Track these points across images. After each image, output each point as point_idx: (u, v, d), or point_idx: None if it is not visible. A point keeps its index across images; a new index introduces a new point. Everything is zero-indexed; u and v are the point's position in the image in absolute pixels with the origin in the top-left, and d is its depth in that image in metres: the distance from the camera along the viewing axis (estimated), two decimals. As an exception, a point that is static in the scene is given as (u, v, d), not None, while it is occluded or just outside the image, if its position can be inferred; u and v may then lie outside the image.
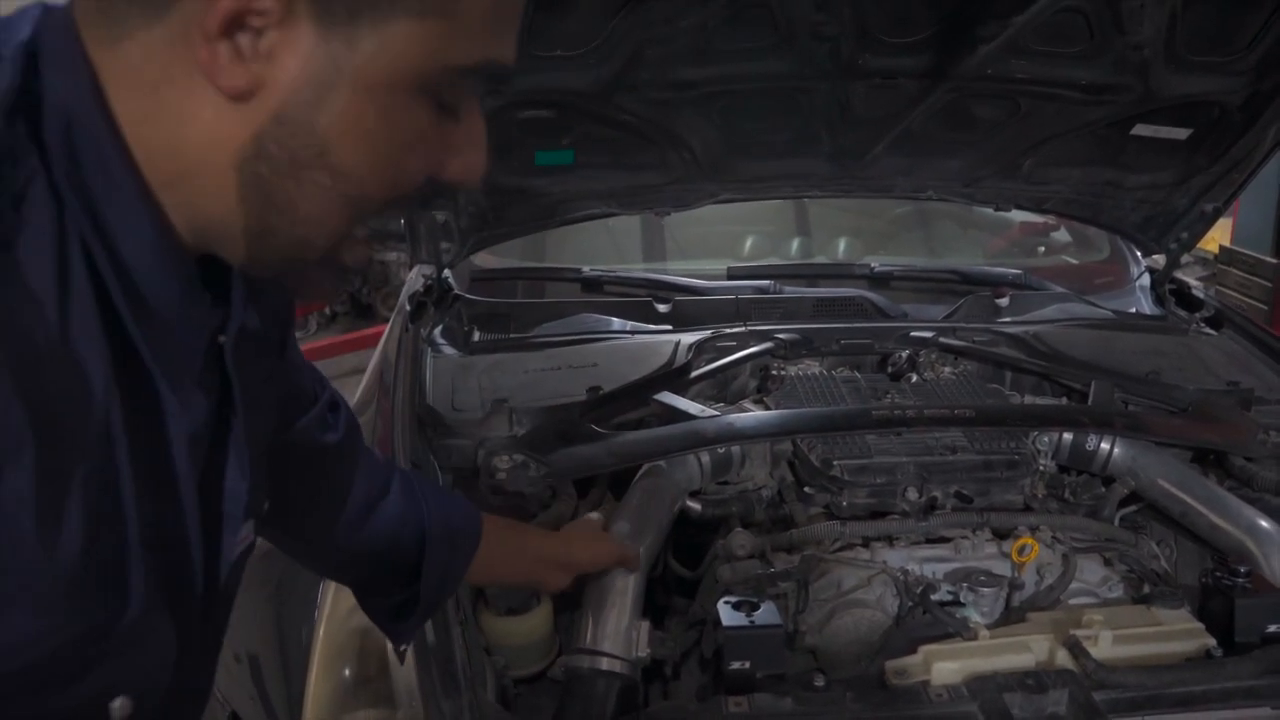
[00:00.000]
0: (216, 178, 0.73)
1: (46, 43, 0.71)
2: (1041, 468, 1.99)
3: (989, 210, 2.91)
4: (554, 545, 1.63)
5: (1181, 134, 2.40)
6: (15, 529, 0.66)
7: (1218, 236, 6.24)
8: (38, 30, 0.71)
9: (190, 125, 0.72)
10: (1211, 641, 1.61)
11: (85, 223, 0.70)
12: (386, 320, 2.59)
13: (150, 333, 0.75)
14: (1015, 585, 1.80)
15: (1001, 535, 1.86)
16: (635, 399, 2.10)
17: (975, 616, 1.71)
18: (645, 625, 1.59)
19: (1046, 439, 2.03)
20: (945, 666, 1.53)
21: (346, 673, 1.53)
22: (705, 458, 1.91)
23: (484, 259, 2.84)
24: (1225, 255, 6.35)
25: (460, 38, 0.75)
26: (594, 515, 1.82)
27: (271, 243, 0.77)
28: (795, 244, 3.34)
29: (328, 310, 7.28)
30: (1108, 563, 1.89)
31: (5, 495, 0.65)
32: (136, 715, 0.79)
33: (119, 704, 0.78)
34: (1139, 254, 3.09)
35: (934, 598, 1.72)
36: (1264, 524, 1.86)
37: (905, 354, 2.38)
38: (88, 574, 0.71)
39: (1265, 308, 5.95)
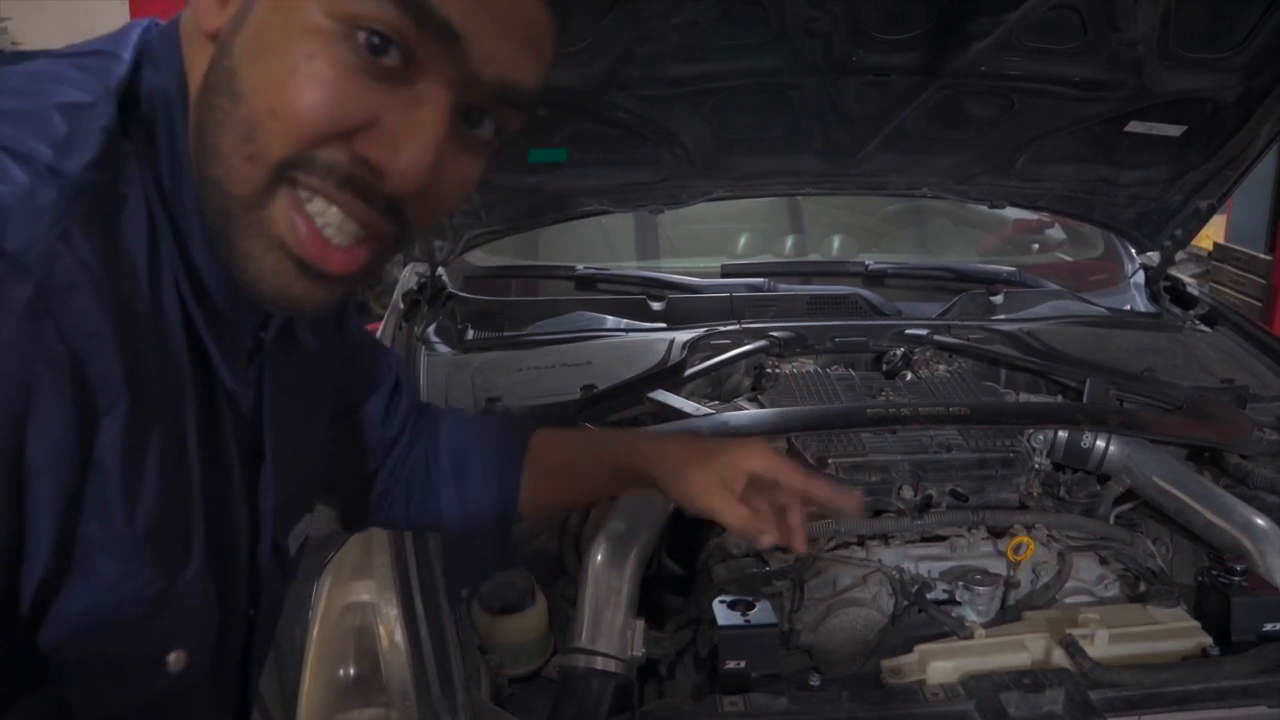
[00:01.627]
0: (191, 135, 0.77)
1: (151, 44, 0.79)
2: (1037, 466, 1.99)
3: (983, 207, 2.91)
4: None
5: (1175, 130, 2.40)
6: (106, 477, 0.71)
7: (1212, 233, 6.24)
8: (147, 34, 0.80)
9: (195, 80, 0.77)
10: (1208, 640, 1.61)
11: (160, 210, 0.77)
12: (380, 318, 2.58)
13: (210, 320, 0.81)
14: (1011, 584, 1.80)
15: (997, 534, 1.86)
16: (630, 397, 2.09)
17: (971, 615, 1.71)
18: (640, 624, 1.59)
19: (1041, 437, 2.02)
20: (941, 665, 1.53)
21: (340, 673, 1.52)
22: (700, 456, 1.90)
23: (478, 257, 2.83)
24: (1220, 252, 6.36)
25: None
26: None
27: (204, 195, 0.76)
28: (789, 242, 3.33)
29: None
30: (1103, 561, 1.89)
31: (102, 442, 0.70)
32: (187, 673, 0.84)
33: (174, 657, 0.82)
34: (1133, 251, 3.08)
35: (929, 596, 1.72)
36: (1260, 522, 1.86)
37: (900, 352, 2.38)
38: (161, 526, 0.77)
39: (1260, 304, 5.95)
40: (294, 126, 0.72)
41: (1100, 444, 2.02)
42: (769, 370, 2.26)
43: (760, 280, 2.79)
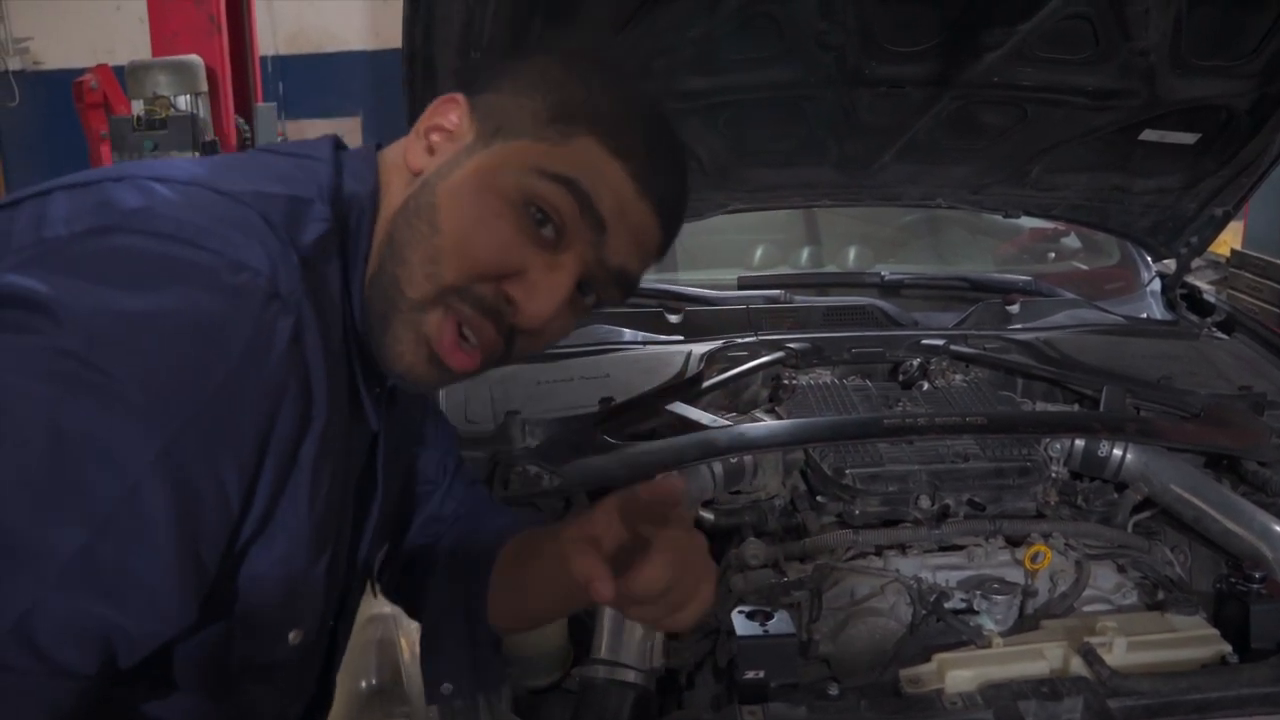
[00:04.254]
0: (378, 236, 1.03)
1: (346, 159, 1.06)
2: (1054, 474, 1.99)
3: (998, 217, 2.92)
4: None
5: (1189, 138, 2.40)
6: (301, 474, 0.93)
7: (1229, 239, 6.21)
8: (338, 148, 1.07)
9: (390, 199, 1.04)
10: (1227, 648, 1.61)
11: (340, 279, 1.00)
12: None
13: (364, 373, 1.05)
14: (1029, 592, 1.80)
15: (1014, 542, 1.86)
16: (647, 409, 2.10)
17: (989, 624, 1.71)
18: (659, 635, 1.60)
19: (1058, 445, 2.02)
20: (959, 674, 1.53)
21: (363, 684, 1.53)
22: (718, 467, 1.92)
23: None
24: (1237, 258, 6.33)
25: (556, 164, 0.99)
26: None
27: (377, 283, 1.01)
28: (805, 253, 3.34)
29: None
30: (1121, 569, 1.88)
31: (304, 447, 0.92)
32: (299, 649, 1.04)
33: (294, 634, 1.03)
34: (1149, 259, 3.08)
35: (947, 606, 1.72)
36: (1279, 529, 1.85)
37: (916, 362, 2.38)
38: (321, 521, 0.98)
39: (1277, 311, 5.92)
40: (469, 263, 0.99)
41: (1117, 452, 2.02)
42: (786, 381, 2.27)
43: (777, 292, 2.80)
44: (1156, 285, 3.02)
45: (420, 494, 1.39)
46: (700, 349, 2.37)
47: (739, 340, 2.43)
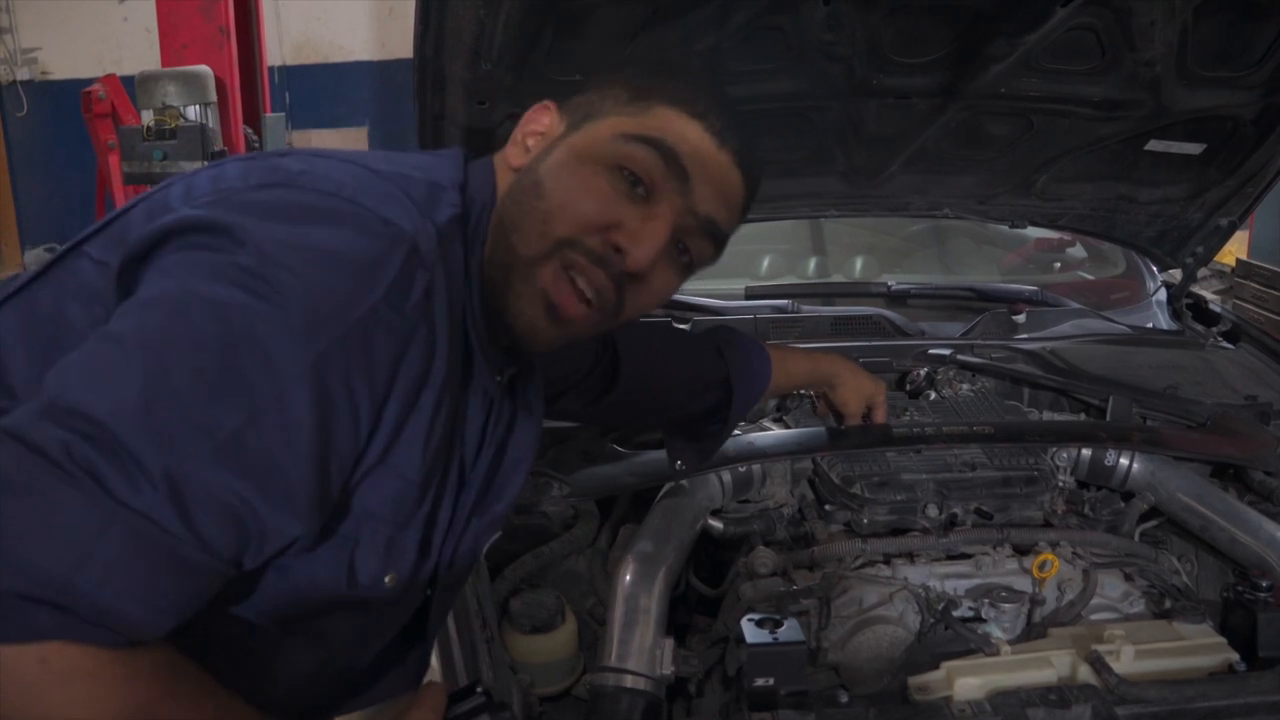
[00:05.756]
0: (490, 228, 1.16)
1: (473, 167, 1.19)
2: (1061, 483, 2.00)
3: (1004, 227, 2.92)
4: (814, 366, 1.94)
5: (1195, 148, 2.41)
6: (420, 419, 1.04)
7: (1234, 249, 6.22)
8: (468, 158, 1.20)
9: (500, 192, 1.19)
10: (1234, 656, 1.61)
11: (461, 260, 1.11)
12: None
13: (481, 347, 1.16)
14: (1036, 601, 1.81)
15: (1022, 551, 1.87)
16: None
17: (997, 632, 1.71)
18: (669, 643, 1.61)
19: (1065, 454, 2.03)
20: (968, 682, 1.54)
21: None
22: (726, 476, 1.93)
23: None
24: (1242, 268, 6.33)
25: (640, 129, 1.14)
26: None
27: (496, 258, 1.14)
28: (812, 263, 3.35)
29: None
30: (1128, 578, 1.89)
31: (425, 394, 1.04)
32: (392, 593, 1.12)
33: (390, 577, 1.10)
34: (1155, 269, 3.09)
35: (955, 614, 1.73)
36: (1284, 537, 1.86)
37: (923, 371, 2.39)
38: (431, 471, 1.09)
39: (1283, 320, 5.92)
40: (576, 218, 1.12)
41: (1124, 461, 2.03)
42: (794, 391, 2.27)
43: (784, 301, 2.81)
44: (1162, 295, 3.03)
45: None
46: (708, 358, 2.37)
47: None
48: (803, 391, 2.10)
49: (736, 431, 2.01)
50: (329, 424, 0.93)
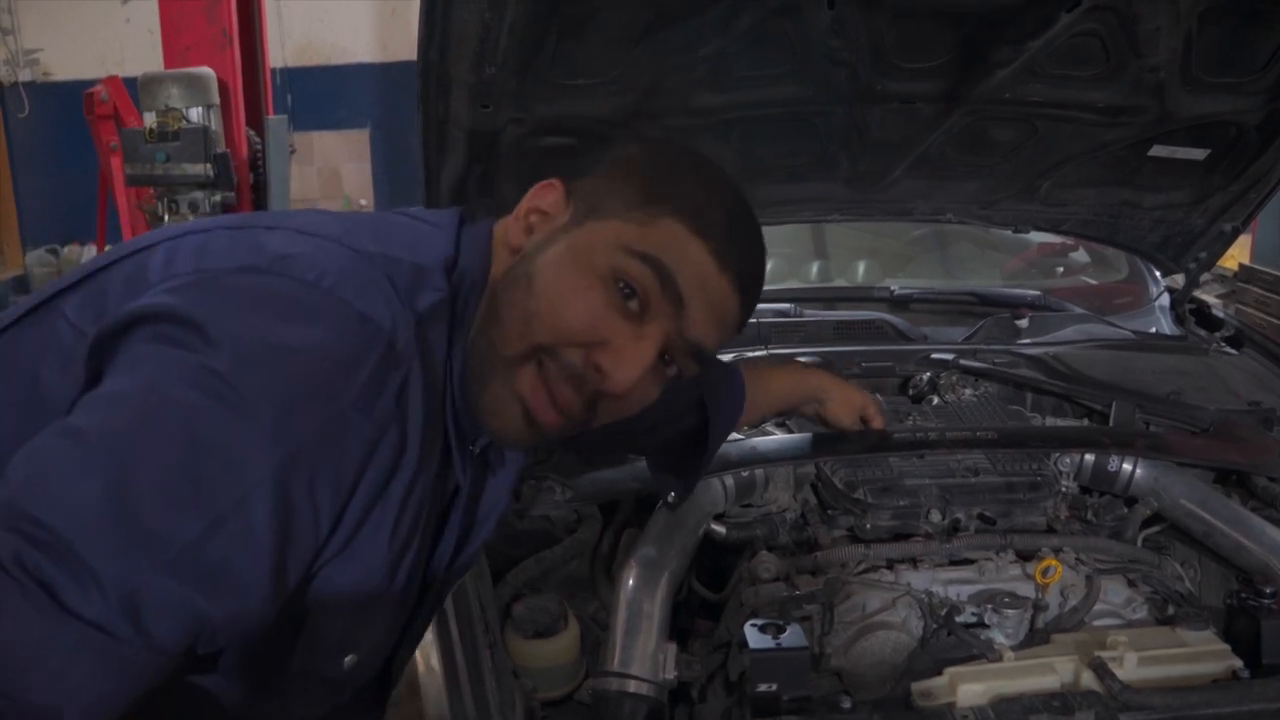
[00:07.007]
0: (481, 307, 1.14)
1: (466, 235, 1.16)
2: (1064, 489, 2.00)
3: (1006, 231, 2.92)
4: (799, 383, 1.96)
5: (1199, 154, 2.41)
6: (388, 508, 1.03)
7: (1237, 254, 6.22)
8: (462, 224, 1.17)
9: (495, 273, 1.15)
10: (1238, 663, 1.60)
11: (445, 344, 1.10)
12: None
13: (458, 433, 1.15)
14: (1039, 607, 1.81)
15: (1025, 557, 1.86)
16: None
17: (1000, 638, 1.71)
18: (672, 648, 1.60)
19: (1068, 460, 2.03)
20: (971, 688, 1.53)
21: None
22: (729, 481, 1.92)
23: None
24: (1245, 273, 6.33)
25: (642, 243, 1.10)
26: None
27: (478, 346, 1.12)
28: (814, 267, 3.35)
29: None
30: (1131, 584, 1.88)
31: (394, 485, 1.02)
32: (351, 673, 1.12)
33: (349, 660, 1.11)
34: (1158, 274, 3.09)
35: (958, 619, 1.73)
36: (1288, 544, 1.86)
37: (926, 376, 2.39)
38: (398, 556, 1.07)
39: (1285, 325, 5.92)
40: (561, 327, 1.09)
41: (1127, 467, 2.02)
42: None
43: (786, 306, 2.81)
44: (1165, 300, 3.03)
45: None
46: (711, 363, 2.37)
47: (749, 354, 2.44)
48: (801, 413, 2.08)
49: (739, 436, 2.02)
50: (289, 526, 0.92)
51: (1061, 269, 3.58)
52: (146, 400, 0.90)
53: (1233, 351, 2.73)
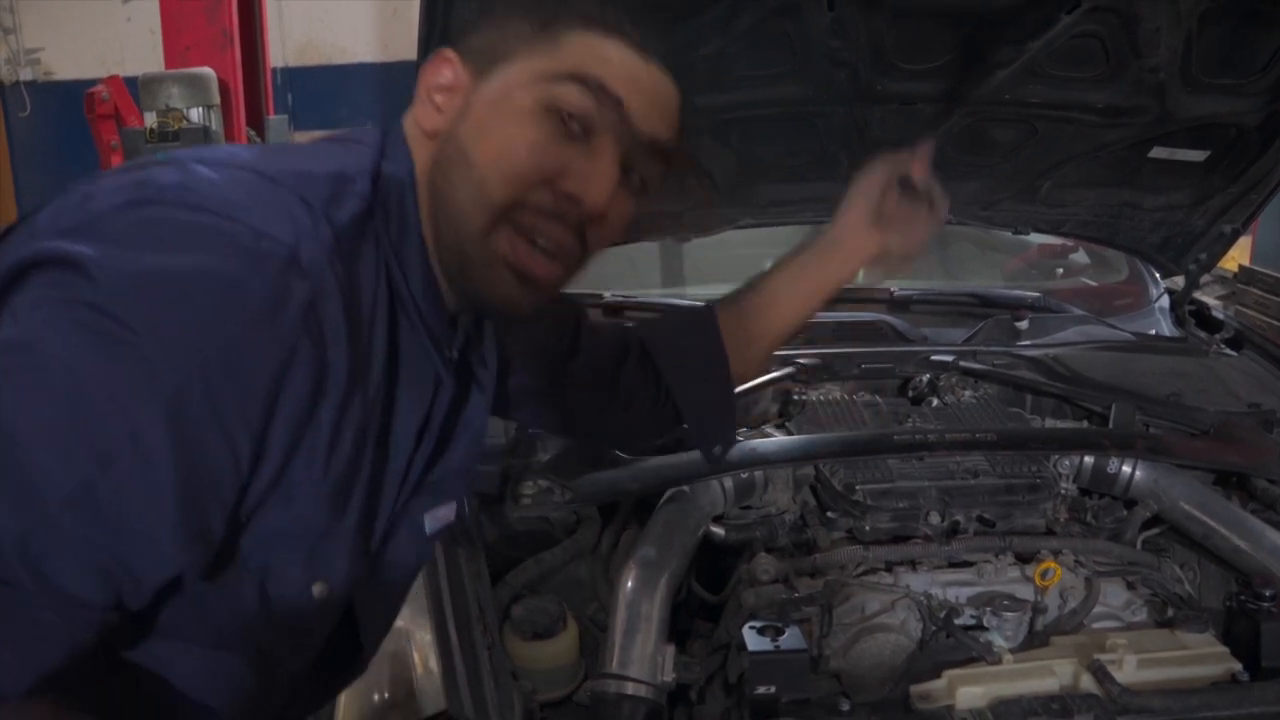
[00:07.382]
0: (424, 205, 1.09)
1: (390, 139, 1.12)
2: (1063, 491, 2.00)
3: (1006, 232, 2.92)
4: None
5: (1199, 155, 2.41)
6: (319, 436, 0.97)
7: (1237, 255, 6.22)
8: (383, 134, 1.12)
9: (422, 169, 1.10)
10: (1237, 666, 1.61)
11: (393, 258, 1.06)
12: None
13: (408, 345, 1.09)
14: (1038, 609, 1.80)
15: (1024, 559, 1.86)
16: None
17: (999, 640, 1.71)
18: (670, 649, 1.60)
19: (1068, 462, 2.03)
20: (970, 691, 1.53)
21: (375, 698, 1.54)
22: (728, 483, 1.92)
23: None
24: (1245, 274, 6.33)
25: (559, 66, 1.06)
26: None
27: (443, 244, 1.09)
28: (814, 268, 3.34)
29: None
30: (1131, 586, 1.88)
31: (321, 409, 0.97)
32: (324, 604, 1.08)
33: (318, 589, 1.07)
34: (1158, 275, 3.08)
35: (957, 622, 1.72)
36: (1288, 546, 1.85)
37: (926, 378, 2.39)
38: (342, 481, 1.03)
39: (1285, 327, 5.92)
40: (514, 176, 1.05)
41: (1127, 469, 2.02)
42: (796, 397, 2.27)
43: (786, 306, 2.80)
44: (1165, 301, 3.02)
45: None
46: (710, 364, 2.37)
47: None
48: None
49: (739, 438, 2.01)
50: (195, 462, 0.89)
51: (1061, 270, 3.57)
52: (25, 349, 0.87)
53: (1233, 353, 2.73)
